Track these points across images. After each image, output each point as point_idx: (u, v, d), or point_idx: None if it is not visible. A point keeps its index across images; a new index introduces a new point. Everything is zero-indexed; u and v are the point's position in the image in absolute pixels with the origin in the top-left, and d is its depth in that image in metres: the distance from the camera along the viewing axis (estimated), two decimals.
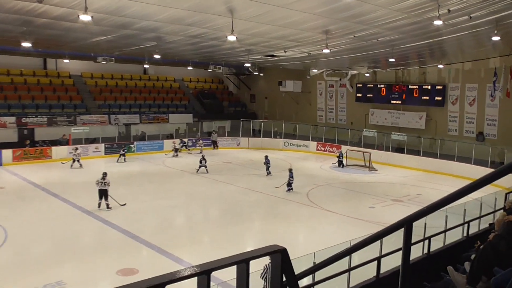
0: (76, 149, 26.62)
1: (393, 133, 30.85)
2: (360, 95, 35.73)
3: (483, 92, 28.32)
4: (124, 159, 28.31)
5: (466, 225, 6.43)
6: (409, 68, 32.04)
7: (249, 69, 36.12)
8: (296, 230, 15.92)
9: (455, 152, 26.41)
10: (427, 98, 31.26)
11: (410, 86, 32.35)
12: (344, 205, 19.17)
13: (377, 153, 29.30)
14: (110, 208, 17.21)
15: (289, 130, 35.98)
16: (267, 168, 24.40)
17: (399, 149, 29.96)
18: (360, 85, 35.70)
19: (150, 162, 28.54)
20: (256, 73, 37.47)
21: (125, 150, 28.76)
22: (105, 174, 17.55)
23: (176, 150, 30.76)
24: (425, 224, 8.32)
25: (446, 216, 10.00)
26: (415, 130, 31.63)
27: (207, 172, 24.42)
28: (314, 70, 34.64)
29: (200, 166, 24.83)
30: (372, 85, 34.83)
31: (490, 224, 6.56)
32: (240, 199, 19.94)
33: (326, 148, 33.41)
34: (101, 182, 17.25)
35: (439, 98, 30.65)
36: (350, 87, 36.65)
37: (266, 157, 24.87)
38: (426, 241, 5.57)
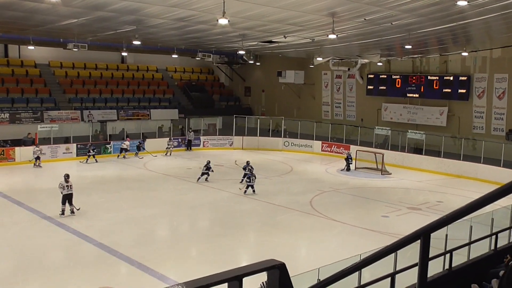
0: (36, 146, 27.07)
1: (409, 131, 30.89)
2: (371, 87, 35.80)
3: None
4: (95, 160, 28.55)
5: (494, 236, 6.43)
6: (428, 56, 32.12)
7: (244, 57, 36.09)
8: (297, 242, 15.92)
9: (481, 153, 26.47)
10: (449, 90, 31.33)
11: (429, 77, 32.43)
12: (352, 214, 19.20)
13: (391, 154, 29.38)
14: (74, 213, 17.42)
15: (289, 128, 36.00)
16: (247, 176, 22.56)
17: (417, 149, 30.02)
18: (372, 76, 35.76)
19: (129, 164, 28.51)
20: (252, 62, 37.46)
21: (95, 151, 28.89)
22: (68, 176, 17.70)
23: (121, 150, 30.42)
24: (446, 235, 8.34)
25: (471, 227, 10.03)
26: (435, 127, 31.72)
27: (207, 180, 23.88)
28: (318, 59, 34.65)
29: (202, 174, 23.97)
30: (385, 76, 34.88)
31: None
32: (233, 207, 19.93)
33: (332, 148, 33.46)
34: (68, 186, 17.42)
35: (463, 91, 30.73)
36: (360, 78, 36.71)
37: (248, 163, 23.61)
38: (448, 255, 5.57)
